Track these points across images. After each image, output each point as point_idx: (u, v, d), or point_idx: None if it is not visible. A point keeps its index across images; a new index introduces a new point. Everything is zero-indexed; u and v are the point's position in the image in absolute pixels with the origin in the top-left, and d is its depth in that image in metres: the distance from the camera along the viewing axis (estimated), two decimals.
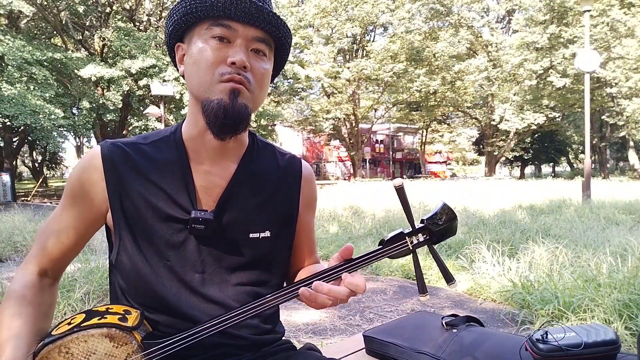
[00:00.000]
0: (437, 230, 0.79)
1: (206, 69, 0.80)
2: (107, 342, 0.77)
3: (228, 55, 0.80)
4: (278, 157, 0.97)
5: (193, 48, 0.83)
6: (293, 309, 3.45)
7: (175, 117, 21.16)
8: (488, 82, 26.39)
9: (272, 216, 0.91)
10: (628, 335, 2.47)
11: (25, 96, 15.27)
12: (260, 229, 0.89)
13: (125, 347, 0.77)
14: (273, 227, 0.91)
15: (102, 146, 0.87)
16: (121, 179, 0.84)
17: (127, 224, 0.84)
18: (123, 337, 0.77)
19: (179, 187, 0.85)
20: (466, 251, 4.33)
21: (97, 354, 0.77)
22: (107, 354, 0.77)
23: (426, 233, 0.79)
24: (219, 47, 0.80)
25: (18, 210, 8.63)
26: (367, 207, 9.10)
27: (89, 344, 0.76)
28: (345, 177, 38.37)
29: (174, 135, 0.90)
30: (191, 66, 0.83)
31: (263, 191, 0.91)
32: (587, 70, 9.15)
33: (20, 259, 5.41)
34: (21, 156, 34.94)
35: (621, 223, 6.10)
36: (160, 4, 21.93)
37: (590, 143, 9.40)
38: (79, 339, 0.76)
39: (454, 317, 1.29)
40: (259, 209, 0.90)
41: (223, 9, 0.79)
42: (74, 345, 0.76)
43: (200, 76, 0.81)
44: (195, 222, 0.82)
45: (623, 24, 20.52)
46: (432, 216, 0.80)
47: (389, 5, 27.00)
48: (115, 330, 0.77)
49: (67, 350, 0.76)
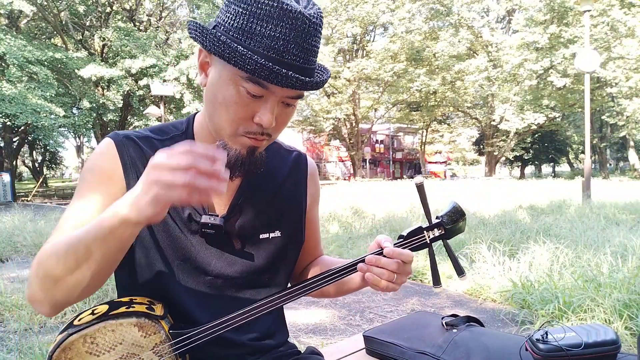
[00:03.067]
0: (450, 227, 0.86)
1: (231, 120, 0.76)
2: (136, 331, 0.75)
3: (256, 112, 0.75)
4: (284, 155, 0.97)
5: (220, 80, 0.76)
6: (293, 309, 3.45)
7: (175, 117, 21.16)
8: (488, 82, 26.38)
9: (282, 215, 0.92)
10: (628, 335, 2.47)
11: (26, 95, 15.28)
12: (271, 229, 0.90)
13: (154, 336, 0.76)
14: (283, 227, 0.92)
15: (115, 138, 0.84)
16: (137, 170, 0.82)
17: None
18: (152, 327, 0.76)
19: None
20: (466, 251, 4.33)
21: (123, 344, 0.74)
22: (134, 344, 0.75)
23: (441, 228, 0.86)
24: (249, 103, 0.74)
25: (18, 210, 8.64)
26: (367, 207, 9.10)
27: (117, 334, 0.74)
28: (346, 177, 38.36)
29: (184, 134, 0.88)
30: (212, 100, 0.78)
31: (272, 191, 0.91)
32: (587, 70, 9.15)
33: (20, 259, 5.41)
34: (21, 156, 34.93)
35: (621, 223, 6.10)
36: (160, 4, 21.94)
37: (590, 143, 9.40)
38: (106, 328, 0.74)
39: (454, 317, 1.29)
40: (268, 210, 0.90)
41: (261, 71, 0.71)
42: (100, 335, 0.74)
43: (220, 118, 0.77)
44: (205, 227, 0.82)
45: (623, 24, 20.51)
46: (446, 213, 0.86)
47: (389, 5, 26.98)
48: (144, 320, 0.75)
49: (92, 340, 0.73)
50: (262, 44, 0.70)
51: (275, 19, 0.70)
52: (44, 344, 2.43)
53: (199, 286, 0.85)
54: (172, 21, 22.83)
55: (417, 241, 0.85)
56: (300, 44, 0.72)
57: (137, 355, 0.75)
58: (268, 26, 0.70)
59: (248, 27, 0.71)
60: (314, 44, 0.74)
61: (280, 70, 0.69)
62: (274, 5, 0.70)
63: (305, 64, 0.74)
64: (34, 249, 5.75)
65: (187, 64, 18.42)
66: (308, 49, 0.73)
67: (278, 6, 0.69)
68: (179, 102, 20.66)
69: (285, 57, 0.71)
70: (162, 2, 21.93)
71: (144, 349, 0.75)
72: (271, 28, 0.70)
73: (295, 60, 0.72)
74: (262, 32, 0.70)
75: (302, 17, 0.70)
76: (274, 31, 0.70)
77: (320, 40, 0.76)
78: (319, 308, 3.49)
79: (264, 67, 0.69)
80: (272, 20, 0.70)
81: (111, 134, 0.86)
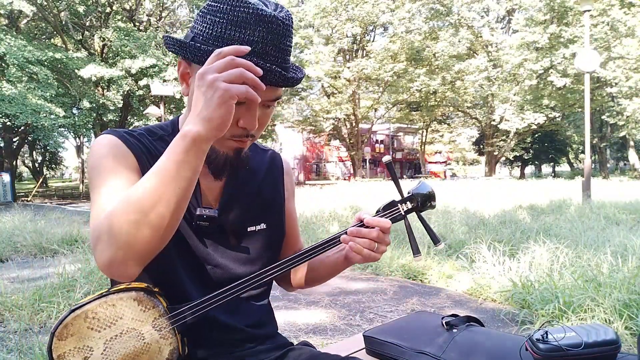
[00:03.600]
0: (421, 200, 0.93)
1: None
2: (135, 305, 0.77)
3: (240, 117, 0.79)
4: (261, 154, 1.04)
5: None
6: (293, 309, 3.45)
7: (175, 117, 21.17)
8: (488, 82, 26.38)
9: (265, 209, 0.99)
10: (628, 335, 2.47)
11: (26, 95, 15.29)
12: (256, 222, 0.96)
13: (152, 310, 0.78)
14: (267, 219, 0.98)
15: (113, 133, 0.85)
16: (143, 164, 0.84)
17: None
18: (150, 301, 0.78)
19: None
20: (466, 251, 4.33)
21: (124, 318, 0.76)
22: (134, 318, 0.77)
23: (414, 201, 0.93)
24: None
25: (18, 211, 8.64)
26: (367, 207, 9.10)
27: (117, 308, 0.76)
28: (345, 177, 38.38)
29: (171, 136, 0.91)
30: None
31: (254, 187, 0.98)
32: (587, 70, 9.15)
33: (20, 259, 5.42)
34: (21, 156, 34.95)
35: (621, 223, 6.10)
36: (160, 4, 21.93)
37: (590, 143, 9.40)
38: (107, 303, 0.76)
39: (454, 317, 1.29)
40: (253, 204, 0.97)
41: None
42: (102, 309, 0.75)
43: None
44: (200, 219, 0.87)
45: (623, 24, 20.51)
46: (416, 188, 0.95)
47: (389, 5, 26.98)
48: (142, 294, 0.78)
49: (93, 315, 0.75)
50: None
51: (252, 24, 0.75)
52: (44, 344, 2.43)
53: (200, 275, 0.88)
54: (172, 21, 22.83)
55: (393, 213, 0.92)
56: (277, 45, 0.77)
57: (137, 329, 0.77)
58: (246, 32, 0.75)
59: (227, 35, 0.75)
60: (288, 44, 0.79)
61: (265, 65, 0.74)
62: (249, 12, 0.74)
63: (283, 63, 0.79)
64: (34, 249, 5.75)
65: None
66: (284, 49, 0.78)
67: (254, 12, 0.74)
68: (178, 102, 20.67)
69: (266, 59, 0.76)
70: (162, 2, 21.92)
71: (143, 324, 0.77)
72: (249, 33, 0.75)
73: (275, 61, 0.78)
74: (241, 37, 0.75)
75: (276, 20, 0.75)
76: (252, 36, 0.75)
77: (292, 40, 0.81)
78: (319, 308, 3.49)
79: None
80: (249, 25, 0.75)
81: (107, 131, 0.88)
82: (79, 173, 32.00)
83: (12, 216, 7.63)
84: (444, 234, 5.44)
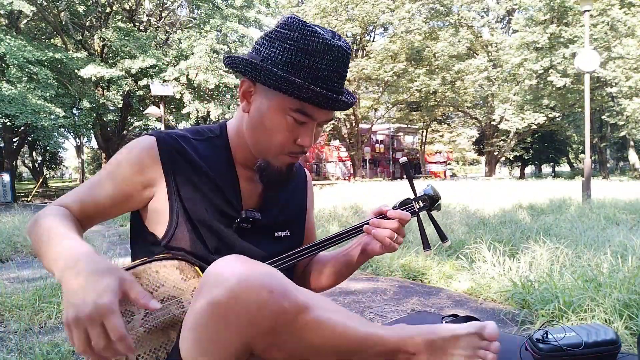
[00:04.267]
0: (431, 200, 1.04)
1: (276, 143, 0.88)
2: (177, 274, 0.79)
3: (299, 135, 0.88)
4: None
5: (265, 107, 0.87)
6: None
7: (175, 117, 21.17)
8: (488, 82, 26.37)
9: (291, 217, 1.07)
10: (628, 335, 2.47)
11: (25, 96, 15.28)
12: (283, 228, 1.04)
13: (192, 280, 0.80)
14: (292, 227, 1.06)
15: (157, 135, 0.93)
16: (178, 167, 0.91)
17: (185, 212, 0.90)
18: (191, 271, 0.81)
19: (230, 186, 0.96)
20: (466, 251, 4.33)
21: (165, 286, 0.77)
22: (175, 286, 0.78)
23: (425, 201, 1.03)
24: (294, 128, 0.87)
25: (18, 211, 8.63)
26: (367, 207, 9.10)
27: (160, 274, 0.78)
28: (345, 177, 38.36)
29: (220, 138, 0.99)
30: (258, 126, 0.89)
31: (284, 196, 1.06)
32: (587, 70, 9.15)
33: (20, 259, 5.42)
34: (21, 156, 34.94)
35: (621, 223, 6.10)
36: (160, 4, 21.93)
37: (590, 143, 9.40)
38: (151, 269, 0.78)
39: (454, 317, 1.29)
40: (281, 211, 1.04)
41: (316, 98, 0.83)
42: (145, 275, 0.77)
43: (266, 143, 0.89)
44: (245, 221, 0.93)
45: (623, 24, 20.51)
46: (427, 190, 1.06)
47: (389, 5, 26.97)
48: (184, 263, 0.81)
49: (138, 280, 0.75)
50: (311, 75, 0.83)
51: (321, 52, 0.82)
52: (44, 344, 2.43)
53: None
54: (172, 21, 22.82)
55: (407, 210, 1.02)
56: (339, 72, 0.86)
57: (177, 297, 0.78)
58: (315, 59, 0.83)
59: (297, 61, 0.82)
60: (347, 70, 0.90)
61: (332, 95, 0.83)
62: (319, 41, 0.82)
63: (341, 88, 0.88)
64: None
65: (186, 64, 18.42)
66: (344, 75, 0.88)
67: (323, 42, 0.82)
68: (179, 102, 20.65)
69: (330, 85, 0.84)
70: (162, 2, 21.92)
71: (184, 292, 0.79)
72: (318, 61, 0.83)
73: (336, 86, 0.86)
74: (310, 64, 0.82)
75: (341, 49, 0.84)
76: (320, 63, 0.83)
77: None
78: None
79: (319, 94, 0.81)
80: (319, 54, 0.82)
81: (153, 132, 0.94)
82: (79, 173, 32.02)
83: (12, 216, 7.62)
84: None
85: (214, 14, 19.90)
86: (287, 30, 0.83)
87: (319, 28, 0.85)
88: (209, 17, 19.83)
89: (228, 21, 19.79)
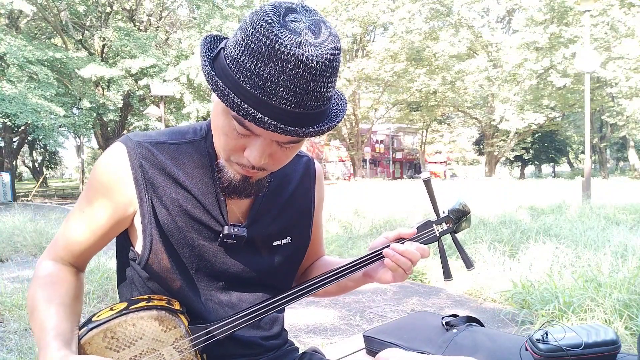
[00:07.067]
0: (458, 221, 0.90)
1: (223, 145, 0.75)
2: (156, 325, 0.74)
3: (247, 146, 0.72)
4: (295, 161, 0.96)
5: (216, 107, 0.74)
6: (293, 309, 3.45)
7: (175, 117, 21.17)
8: (488, 82, 26.36)
9: (292, 222, 0.93)
10: (628, 335, 2.47)
11: (26, 95, 15.29)
12: (283, 236, 0.91)
13: (174, 331, 0.75)
14: (293, 233, 0.93)
15: (127, 145, 0.81)
16: (151, 181, 0.80)
17: (159, 229, 0.81)
18: (172, 321, 0.75)
19: (212, 197, 0.83)
20: (466, 251, 4.33)
21: (144, 338, 0.73)
22: (154, 338, 0.73)
23: (449, 222, 0.90)
24: (238, 137, 0.72)
25: (18, 211, 8.63)
26: (367, 207, 9.10)
27: (137, 328, 0.73)
28: (346, 177, 38.35)
29: (205, 141, 0.85)
30: (212, 125, 0.77)
31: (283, 198, 0.91)
32: (587, 70, 9.15)
33: (20, 259, 5.42)
34: (21, 156, 34.94)
35: (621, 223, 6.10)
36: (160, 4, 21.93)
37: (590, 143, 9.40)
38: (127, 322, 0.73)
39: (454, 317, 1.29)
40: (281, 217, 0.91)
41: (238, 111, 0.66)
42: (121, 329, 0.72)
43: (217, 143, 0.77)
44: (228, 238, 0.82)
45: (623, 24, 20.50)
46: (452, 209, 0.90)
47: (389, 5, 26.97)
48: (165, 313, 0.74)
49: (112, 335, 0.72)
50: (251, 80, 0.65)
51: (265, 57, 0.63)
52: None
53: (213, 290, 0.86)
54: (172, 21, 22.83)
55: (427, 235, 0.88)
56: (291, 88, 0.64)
57: (157, 350, 0.74)
58: (258, 64, 0.64)
59: (241, 60, 0.66)
60: (312, 88, 0.65)
61: (257, 114, 0.64)
62: (266, 42, 0.63)
63: (297, 108, 0.66)
64: (34, 249, 5.75)
65: (187, 64, 18.42)
66: (302, 93, 0.65)
67: (270, 45, 0.63)
68: (179, 102, 20.66)
69: (273, 100, 0.65)
70: (162, 2, 21.91)
71: (164, 344, 0.74)
72: (260, 67, 0.64)
73: (285, 104, 0.65)
74: (252, 68, 0.65)
75: (295, 60, 0.63)
76: (262, 70, 0.64)
77: (326, 84, 0.67)
78: (319, 308, 3.49)
79: (239, 107, 0.64)
80: (263, 58, 0.64)
81: (123, 139, 0.82)
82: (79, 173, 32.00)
83: (12, 216, 7.62)
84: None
85: (214, 13, 19.91)
86: (250, 17, 0.66)
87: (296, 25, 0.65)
88: (209, 17, 19.83)
89: (228, 21, 19.79)
